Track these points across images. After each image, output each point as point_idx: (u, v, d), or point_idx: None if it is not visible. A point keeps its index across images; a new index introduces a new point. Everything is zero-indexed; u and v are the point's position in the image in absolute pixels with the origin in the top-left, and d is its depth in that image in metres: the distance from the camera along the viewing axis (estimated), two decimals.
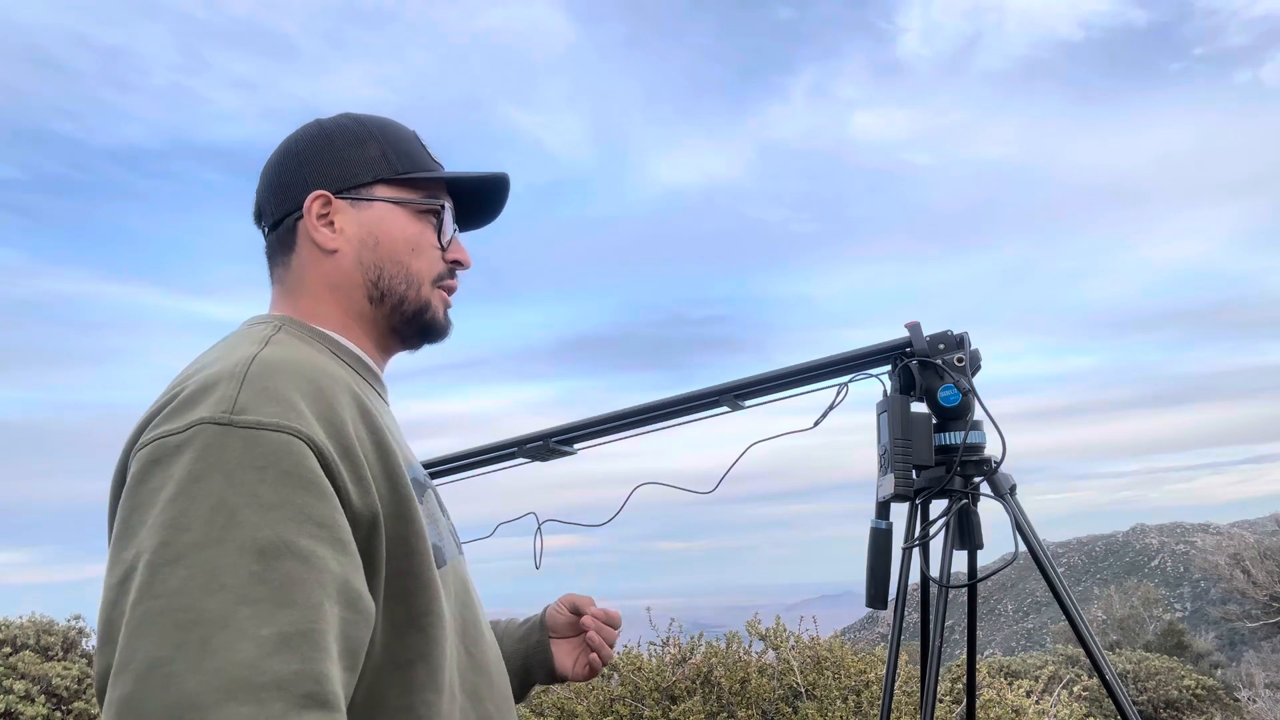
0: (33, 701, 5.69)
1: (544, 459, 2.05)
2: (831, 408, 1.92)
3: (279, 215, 1.13)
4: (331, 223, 1.10)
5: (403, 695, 0.95)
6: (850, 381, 1.92)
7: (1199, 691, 11.26)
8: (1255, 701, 11.53)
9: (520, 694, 1.33)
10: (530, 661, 1.34)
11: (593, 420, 2.02)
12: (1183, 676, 11.54)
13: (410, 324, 1.14)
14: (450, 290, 1.18)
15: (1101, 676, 1.85)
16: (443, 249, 1.15)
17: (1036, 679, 6.74)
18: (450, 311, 1.19)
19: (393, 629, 0.94)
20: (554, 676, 1.34)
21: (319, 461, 0.87)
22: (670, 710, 4.69)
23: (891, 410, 1.86)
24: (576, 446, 2.07)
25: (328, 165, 1.11)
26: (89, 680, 6.15)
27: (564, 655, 1.34)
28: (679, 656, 5.21)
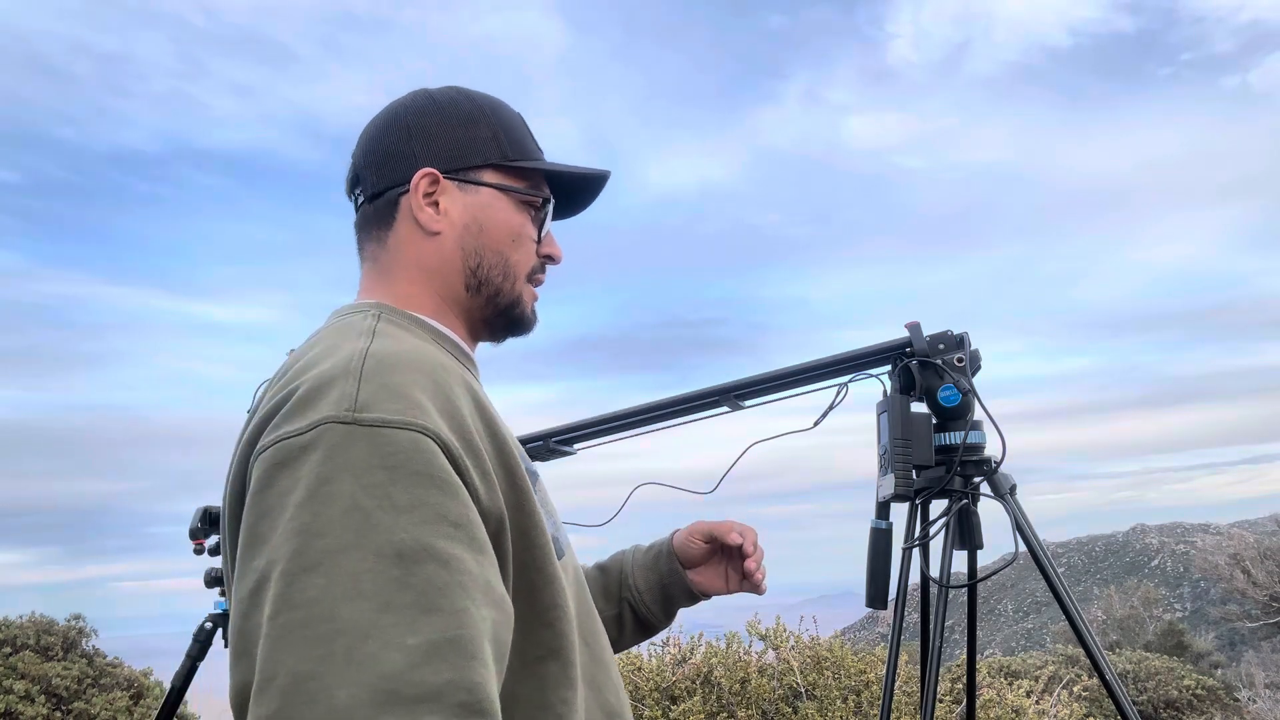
0: (33, 701, 5.69)
1: (544, 459, 2.05)
2: (831, 408, 1.92)
3: (380, 187, 1.07)
4: (436, 203, 1.05)
5: (538, 693, 0.92)
6: (850, 382, 1.92)
7: (1199, 691, 11.25)
8: (1255, 701, 11.53)
9: (665, 619, 1.34)
10: (670, 590, 1.33)
11: (593, 420, 2.02)
12: (1183, 676, 11.53)
13: (502, 316, 1.11)
14: (538, 285, 1.14)
15: (1101, 676, 1.85)
16: (538, 242, 1.12)
17: (1036, 679, 6.74)
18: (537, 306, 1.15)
19: (521, 626, 0.90)
20: (698, 597, 1.34)
21: (448, 459, 0.83)
22: (670, 710, 4.69)
23: (891, 410, 1.87)
24: (576, 446, 2.07)
25: (438, 142, 1.06)
26: (89, 680, 6.15)
27: (712, 577, 1.33)
28: (679, 656, 5.21)
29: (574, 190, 1.17)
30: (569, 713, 0.94)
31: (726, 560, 1.33)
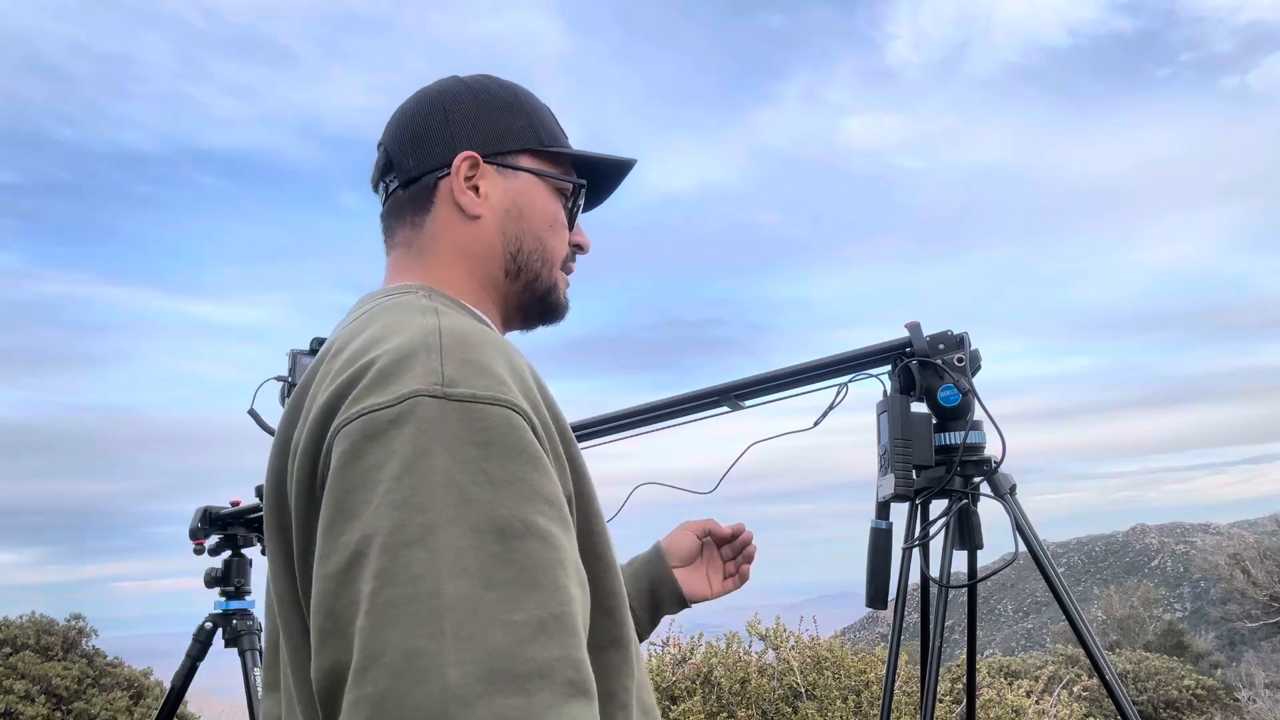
0: (33, 701, 5.70)
1: None
2: (831, 408, 1.92)
3: (418, 171, 1.06)
4: (476, 187, 1.05)
5: (602, 682, 0.88)
6: (850, 381, 1.92)
7: (1199, 691, 11.26)
8: (1255, 701, 11.54)
9: (650, 626, 1.33)
10: (660, 594, 1.32)
11: (593, 420, 2.02)
12: (1183, 676, 11.54)
13: (539, 303, 1.10)
14: (569, 273, 1.14)
15: (1101, 676, 1.85)
16: (569, 230, 1.12)
17: (1036, 679, 6.75)
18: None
19: None
20: (686, 602, 1.34)
21: (534, 436, 0.81)
22: (670, 710, 4.69)
23: (891, 410, 1.87)
24: None
25: (477, 127, 1.06)
26: (89, 680, 6.14)
27: (697, 579, 1.34)
28: (679, 656, 5.21)
29: (598, 178, 1.17)
30: (630, 701, 0.92)
31: (708, 562, 1.36)
